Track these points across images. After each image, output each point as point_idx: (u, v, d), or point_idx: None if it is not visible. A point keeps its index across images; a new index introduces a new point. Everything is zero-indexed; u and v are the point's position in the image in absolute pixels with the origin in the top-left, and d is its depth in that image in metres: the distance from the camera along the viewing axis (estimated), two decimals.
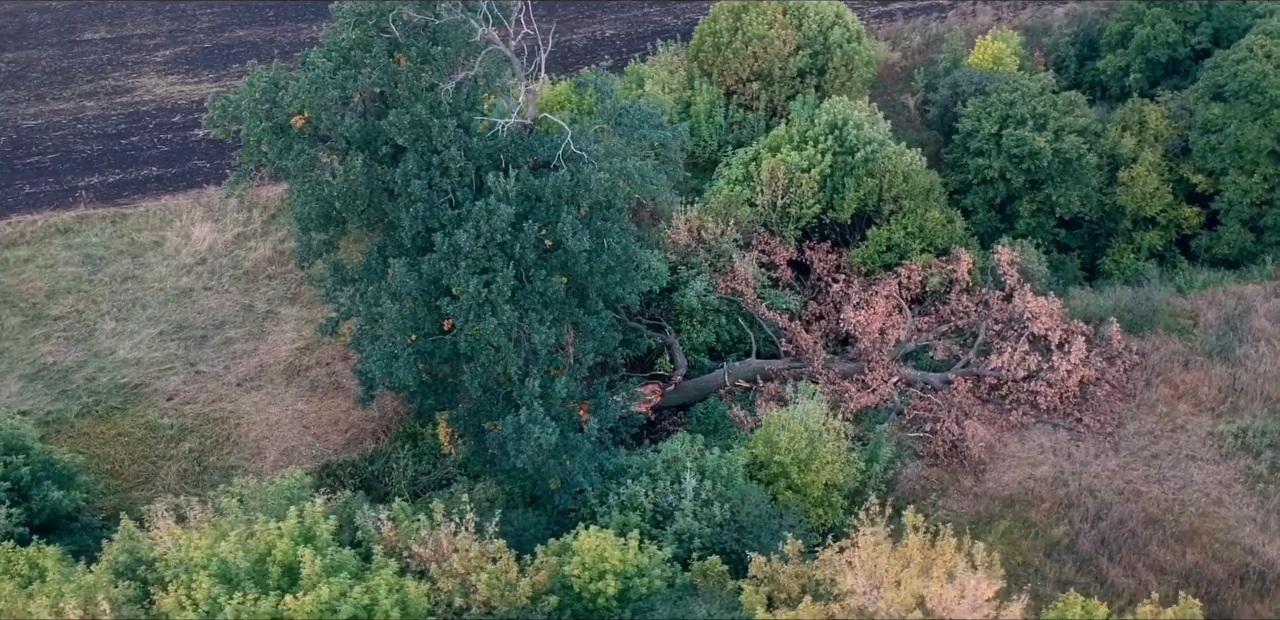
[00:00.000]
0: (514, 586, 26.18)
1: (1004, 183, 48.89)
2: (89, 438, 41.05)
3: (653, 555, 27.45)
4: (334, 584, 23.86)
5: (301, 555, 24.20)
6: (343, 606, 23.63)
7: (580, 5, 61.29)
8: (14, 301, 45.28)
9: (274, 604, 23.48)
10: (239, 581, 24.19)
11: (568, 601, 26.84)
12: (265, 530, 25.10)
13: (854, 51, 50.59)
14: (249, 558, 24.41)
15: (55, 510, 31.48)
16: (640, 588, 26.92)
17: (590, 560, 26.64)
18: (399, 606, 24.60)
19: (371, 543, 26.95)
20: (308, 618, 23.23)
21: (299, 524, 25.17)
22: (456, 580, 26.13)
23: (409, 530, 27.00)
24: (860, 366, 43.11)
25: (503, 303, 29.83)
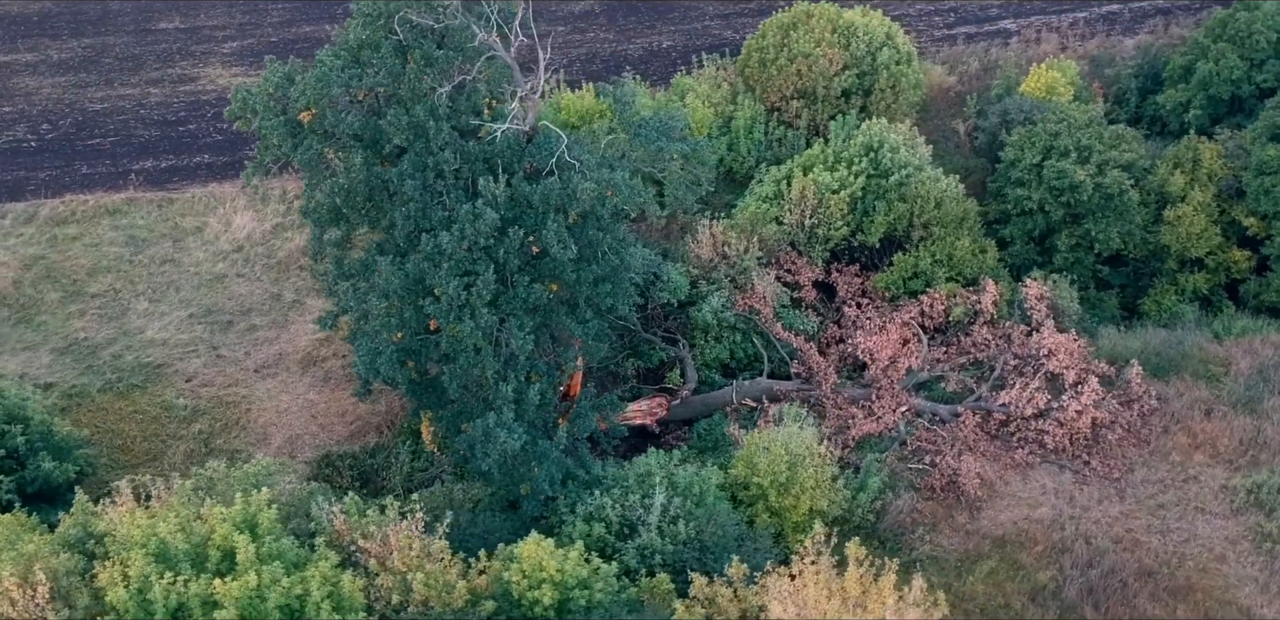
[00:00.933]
0: (451, 588, 26.38)
1: (1043, 215, 47.76)
2: (107, 413, 42.45)
3: (597, 568, 27.40)
4: (265, 572, 24.34)
5: (236, 541, 24.75)
6: (271, 594, 24.08)
7: (641, 16, 61.57)
8: (56, 277, 47.05)
9: (203, 587, 24.05)
10: (176, 562, 24.84)
11: (506, 607, 26.95)
12: (211, 514, 25.72)
13: (901, 73, 49.97)
14: (189, 540, 25.04)
15: (47, 481, 32.61)
16: (580, 600, 26.90)
17: (529, 568, 26.72)
18: (331, 599, 24.96)
19: (322, 534, 27.37)
20: (235, 603, 23.72)
21: (243, 510, 25.73)
22: (397, 577, 26.44)
23: (358, 525, 27.40)
24: (870, 393, 42.48)
25: (481, 306, 30.13)
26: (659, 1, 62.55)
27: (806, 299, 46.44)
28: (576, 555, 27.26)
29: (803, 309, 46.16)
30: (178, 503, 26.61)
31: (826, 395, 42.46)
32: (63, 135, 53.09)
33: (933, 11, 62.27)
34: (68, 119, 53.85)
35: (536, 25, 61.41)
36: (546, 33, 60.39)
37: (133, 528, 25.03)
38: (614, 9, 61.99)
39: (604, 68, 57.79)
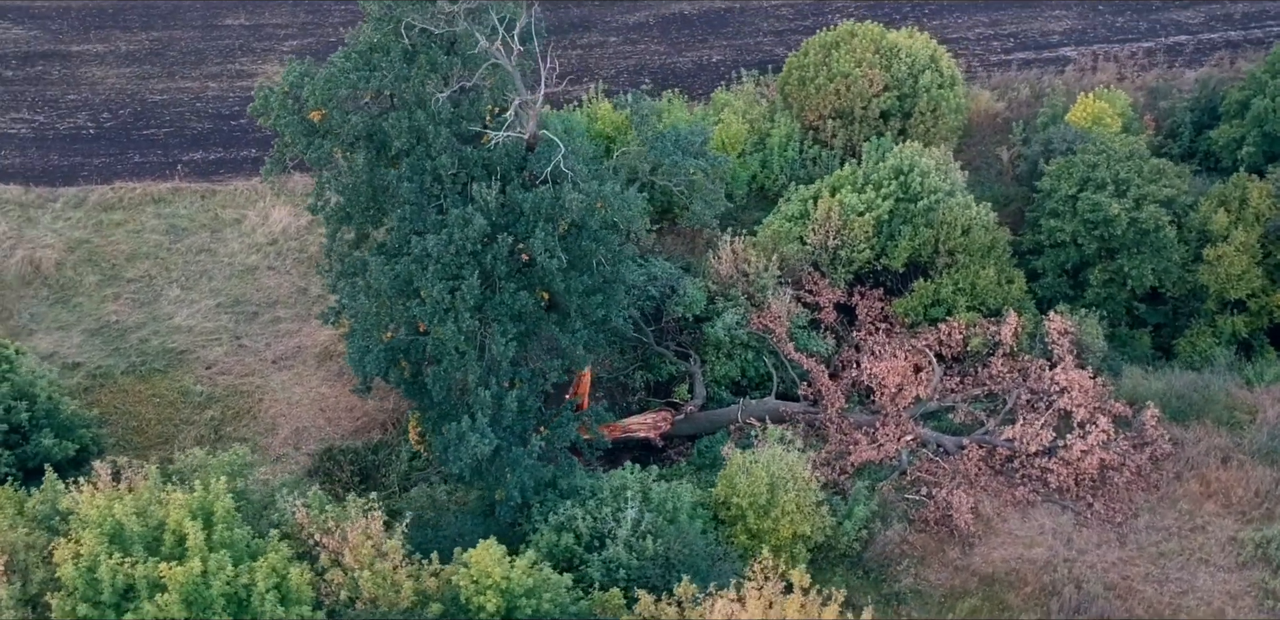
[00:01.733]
0: (398, 588, 26.67)
1: (1076, 248, 46.65)
2: (127, 395, 43.74)
3: (547, 578, 27.45)
4: (212, 559, 24.88)
5: (185, 527, 25.35)
6: (215, 581, 24.61)
7: (695, 29, 61.68)
8: (97, 261, 48.64)
9: (150, 570, 24.66)
10: (130, 544, 25.52)
11: (453, 611, 27.14)
12: (170, 499, 26.37)
13: (942, 97, 49.30)
14: (146, 523, 25.71)
15: (47, 457, 33.68)
16: (526, 608, 26.98)
17: (477, 574, 26.87)
18: (278, 591, 25.41)
19: (278, 527, 27.89)
20: (180, 588, 24.29)
21: (200, 497, 26.33)
22: (348, 574, 26.81)
23: (318, 519, 27.84)
24: (876, 419, 41.92)
25: (464, 310, 30.45)
26: (714, 16, 62.58)
27: (826, 321, 45.98)
28: (525, 564, 27.35)
29: (821, 331, 45.73)
30: (146, 486, 27.32)
31: (831, 419, 41.99)
32: (120, 124, 54.89)
33: (991, 36, 61.32)
34: (127, 109, 55.66)
35: (591, 35, 62.38)
36: (599, 43, 61.18)
37: (90, 507, 25.80)
38: (668, 22, 62.19)
39: (651, 79, 58.02)
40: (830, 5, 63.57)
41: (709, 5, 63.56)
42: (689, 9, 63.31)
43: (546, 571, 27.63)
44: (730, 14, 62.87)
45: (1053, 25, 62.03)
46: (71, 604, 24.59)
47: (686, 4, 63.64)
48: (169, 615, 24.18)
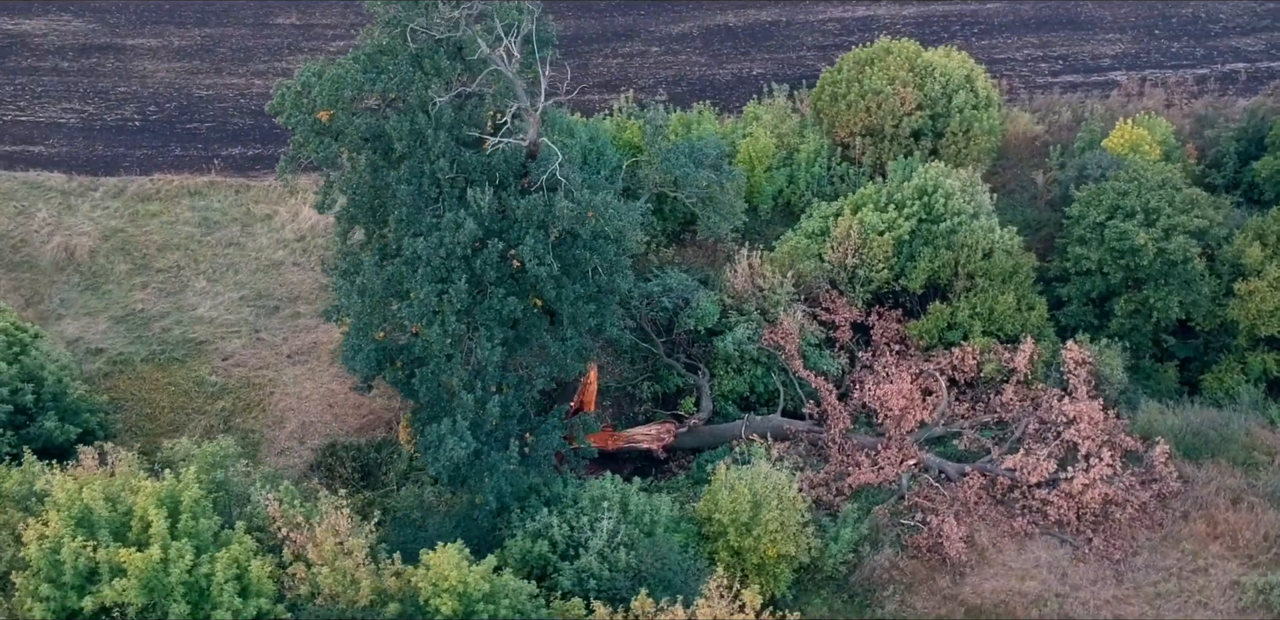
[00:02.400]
0: (357, 586, 26.89)
1: (1102, 277, 45.64)
2: (144, 382, 44.71)
3: (506, 584, 27.48)
4: (173, 547, 25.30)
5: (150, 515, 25.81)
6: (174, 569, 25.03)
7: (738, 42, 61.51)
8: (130, 250, 49.82)
9: (112, 554, 25.15)
10: (97, 528, 26.07)
11: (411, 612, 27.30)
12: (141, 487, 26.89)
13: (975, 118, 48.59)
14: (115, 509, 26.24)
15: (50, 439, 34.54)
16: (484, 613, 27.04)
17: (434, 576, 26.99)
18: (238, 583, 25.78)
19: (244, 519, 28.27)
20: (139, 573, 24.75)
21: (169, 486, 26.81)
22: (311, 569, 27.10)
23: (288, 514, 28.19)
24: (878, 442, 41.40)
25: (451, 314, 30.65)
26: (758, 29, 62.38)
27: (841, 340, 45.54)
28: (482, 569, 27.41)
29: (835, 350, 45.29)
30: (123, 472, 27.89)
31: (833, 439, 41.54)
32: (165, 117, 56.18)
33: (1040, 57, 60.32)
34: (173, 103, 56.96)
35: (633, 44, 62.47)
36: (640, 52, 61.26)
37: (60, 490, 26.40)
38: (711, 33, 62.09)
39: (688, 91, 57.96)
40: (877, 22, 63.03)
41: (754, 18, 63.39)
42: (734, 21, 63.19)
43: (506, 577, 27.69)
44: (775, 27, 62.62)
45: (1105, 49, 60.84)
46: (35, 584, 25.19)
47: (732, 16, 63.53)
48: (126, 600, 24.63)
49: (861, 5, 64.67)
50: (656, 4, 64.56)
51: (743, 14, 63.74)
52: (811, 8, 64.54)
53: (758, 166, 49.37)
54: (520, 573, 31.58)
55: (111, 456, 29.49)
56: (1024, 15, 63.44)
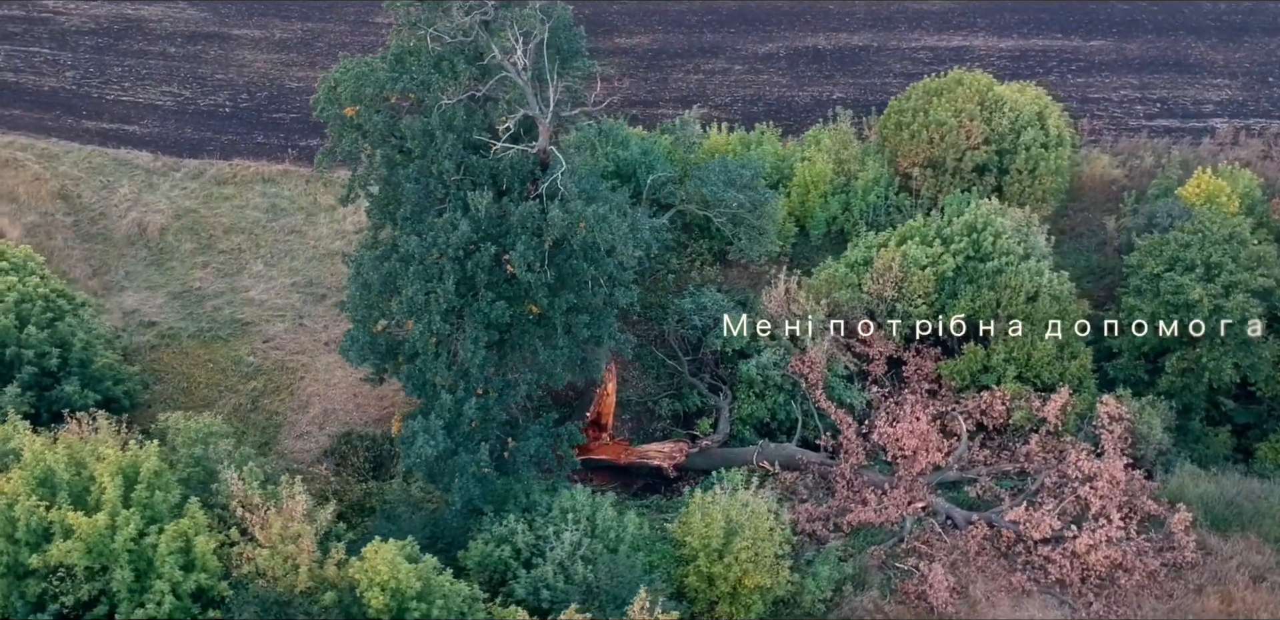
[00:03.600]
0: (294, 571, 27.36)
1: (1154, 331, 43.54)
2: (186, 357, 46.44)
3: (441, 585, 27.59)
4: (122, 515, 26.19)
5: (104, 482, 26.78)
6: (119, 536, 25.92)
7: (824, 65, 60.79)
8: (198, 230, 51.85)
9: (61, 516, 26.17)
10: (57, 490, 27.16)
11: (348, 603, 27.65)
12: (107, 455, 27.91)
13: (1040, 157, 46.95)
14: (79, 473, 27.31)
15: (69, 403, 36.15)
16: (415, 611, 27.21)
17: (369, 570, 27.29)
18: (181, 555, 26.54)
19: (222, 497, 29.08)
20: (85, 536, 25.72)
21: (131, 456, 27.75)
22: (257, 551, 27.72)
23: (248, 495, 28.88)
24: (889, 481, 40.29)
25: (436, 313, 31.01)
26: (847, 53, 61.55)
27: (874, 373, 44.49)
28: (412, 567, 27.53)
29: (867, 383, 44.26)
30: (98, 439, 29.02)
31: (843, 474, 40.59)
32: (254, 106, 58.34)
33: (1137, 99, 58.01)
34: (265, 92, 59.10)
35: (716, 61, 62.30)
36: (722, 69, 61.09)
37: (28, 451, 27.60)
38: (798, 55, 61.51)
39: (764, 110, 57.52)
40: (972, 52, 61.56)
41: (845, 41, 62.57)
42: (824, 43, 62.49)
43: (443, 579, 27.80)
44: (864, 52, 61.70)
45: (1209, 94, 58.16)
46: None
47: (822, 38, 62.85)
48: (71, 561, 25.61)
49: (958, 35, 63.25)
50: (748, 23, 64.29)
51: (834, 37, 62.98)
52: (906, 34, 63.38)
53: (813, 191, 48.69)
54: (480, 576, 31.73)
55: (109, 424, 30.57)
56: (1129, 55, 61.13)
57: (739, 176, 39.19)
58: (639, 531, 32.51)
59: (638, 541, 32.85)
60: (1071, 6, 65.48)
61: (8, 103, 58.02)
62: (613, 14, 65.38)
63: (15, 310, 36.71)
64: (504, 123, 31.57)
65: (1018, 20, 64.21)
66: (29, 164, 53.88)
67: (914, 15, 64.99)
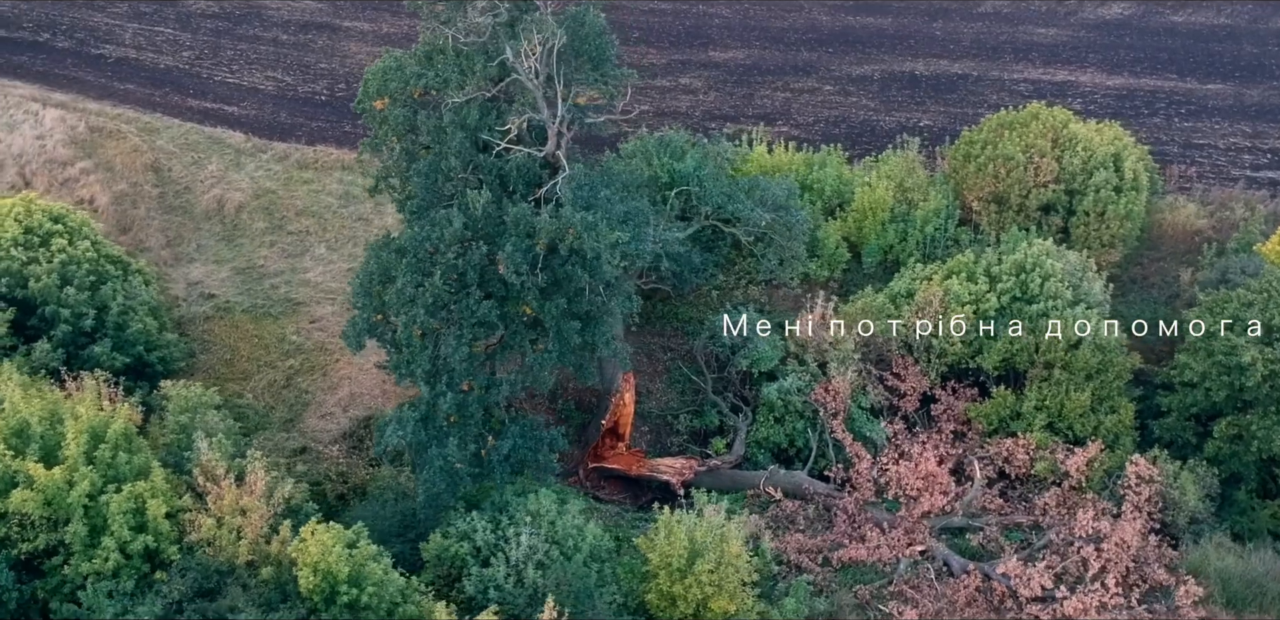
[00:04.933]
0: (235, 543, 28.08)
1: (1205, 392, 41.09)
2: (236, 330, 48.17)
3: (372, 573, 27.87)
4: (80, 471, 27.36)
5: (67, 439, 28.02)
6: (75, 490, 27.10)
7: (917, 90, 59.48)
8: (272, 211, 53.80)
9: (21, 467, 27.47)
10: (30, 442, 28.54)
11: (285, 580, 28.21)
12: (81, 413, 29.17)
13: (1108, 200, 44.84)
14: (53, 428, 28.62)
15: (97, 363, 37.93)
16: (345, 596, 27.60)
17: (302, 550, 27.80)
18: (134, 517, 27.58)
19: (192, 465, 30.10)
20: (43, 488, 26.97)
21: (103, 418, 28.94)
22: (208, 520, 28.57)
23: (212, 465, 29.78)
24: (892, 520, 39.05)
25: (421, 306, 31.44)
26: (944, 80, 60.09)
27: (904, 409, 43.20)
28: (353, 552, 27.88)
29: (895, 418, 43.00)
30: (88, 398, 30.36)
31: (846, 507, 39.51)
32: (349, 95, 59.93)
33: (1246, 148, 55.01)
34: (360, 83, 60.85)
35: (807, 80, 61.57)
36: (811, 89, 60.37)
37: (8, 402, 29.08)
38: (892, 79, 60.32)
39: (845, 132, 56.60)
40: (1076, 88, 59.41)
41: (944, 69, 61.10)
42: (922, 69, 61.13)
43: (377, 567, 28.09)
44: (963, 81, 60.13)
45: None
46: None
47: (921, 64, 61.50)
48: (26, 510, 26.90)
49: (1065, 69, 61.10)
50: (848, 44, 63.40)
51: (933, 63, 61.57)
52: (1010, 65, 61.56)
53: (870, 217, 47.64)
54: (438, 569, 32.00)
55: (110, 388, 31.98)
56: (1246, 101, 58.07)
57: (770, 196, 38.54)
58: (598, 542, 32.22)
59: (601, 553, 32.59)
60: (1195, 47, 62.60)
61: (125, 77, 61.30)
62: (712, 28, 65.32)
63: (60, 271, 38.67)
64: (510, 124, 31.82)
65: (1132, 58, 61.67)
66: (130, 136, 56.81)
67: (1023, 46, 63.08)
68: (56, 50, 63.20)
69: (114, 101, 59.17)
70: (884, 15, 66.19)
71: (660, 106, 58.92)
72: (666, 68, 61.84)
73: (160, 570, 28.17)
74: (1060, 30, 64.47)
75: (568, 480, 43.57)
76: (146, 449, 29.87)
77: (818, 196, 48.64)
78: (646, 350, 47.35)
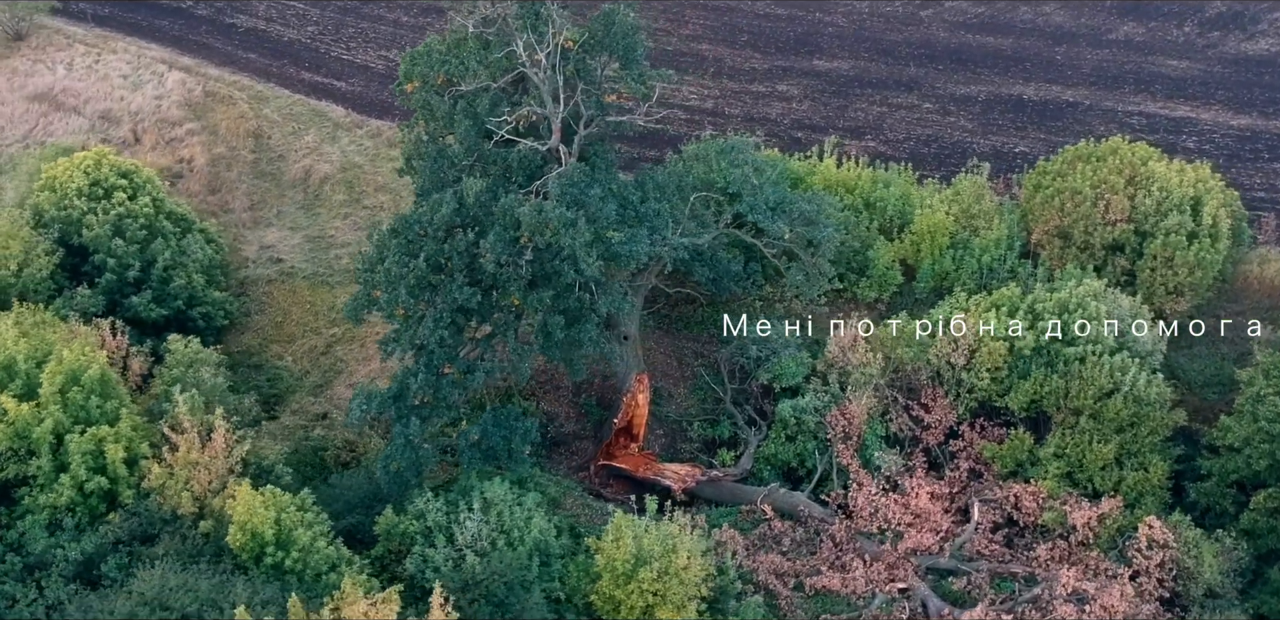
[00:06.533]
0: (179, 494, 29.26)
1: (1245, 458, 38.25)
2: (293, 295, 50.07)
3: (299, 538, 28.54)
4: (50, 409, 29.04)
5: (44, 377, 29.74)
6: (43, 423, 28.83)
7: (1021, 114, 57.17)
8: (354, 184, 55.64)
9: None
10: (13, 377, 30.40)
11: (220, 536, 29.24)
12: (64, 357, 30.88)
13: (1176, 245, 42.12)
14: (34, 364, 30.43)
15: (135, 313, 40.14)
16: (269, 558, 28.43)
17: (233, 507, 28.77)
18: (91, 457, 29.12)
19: (169, 418, 31.54)
20: (12, 421, 28.77)
21: (80, 364, 30.57)
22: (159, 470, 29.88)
23: (178, 418, 31.09)
24: (881, 553, 37.78)
25: (403, 287, 32.03)
26: (1053, 106, 57.55)
27: (926, 441, 41.68)
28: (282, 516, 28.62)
29: (915, 450, 41.57)
30: (77, 343, 32.14)
31: (835, 534, 38.43)
32: None
33: None
34: None
35: (908, 96, 60.04)
36: (910, 105, 58.77)
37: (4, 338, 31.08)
38: (997, 102, 58.09)
39: (935, 152, 54.91)
40: (1194, 126, 56.10)
41: (1055, 95, 58.47)
42: (1031, 94, 58.67)
43: (303, 533, 28.75)
44: (1072, 109, 57.42)
45: None
46: None
47: (1031, 89, 59.02)
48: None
49: (1187, 104, 57.67)
50: (959, 63, 61.33)
51: (1045, 89, 59.01)
52: (1127, 96, 58.48)
53: (929, 241, 46.11)
54: (387, 545, 32.62)
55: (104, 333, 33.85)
56: None
57: (798, 209, 37.70)
58: (544, 536, 32.21)
59: (550, 547, 32.63)
60: None
61: (250, 46, 64.37)
62: (823, 36, 64.21)
63: (115, 223, 40.99)
64: (510, 115, 32.08)
65: (1265, 98, 57.77)
66: (240, 103, 59.66)
67: (1147, 77, 59.84)
68: (195, 17, 66.82)
69: (234, 69, 62.21)
70: (1006, 35, 63.76)
71: (750, 111, 58.31)
72: (767, 73, 61.11)
73: (115, 511, 29.63)
74: (1193, 63, 60.82)
75: (578, 474, 43.80)
76: (124, 396, 31.44)
77: (879, 215, 47.37)
78: (678, 355, 47.04)
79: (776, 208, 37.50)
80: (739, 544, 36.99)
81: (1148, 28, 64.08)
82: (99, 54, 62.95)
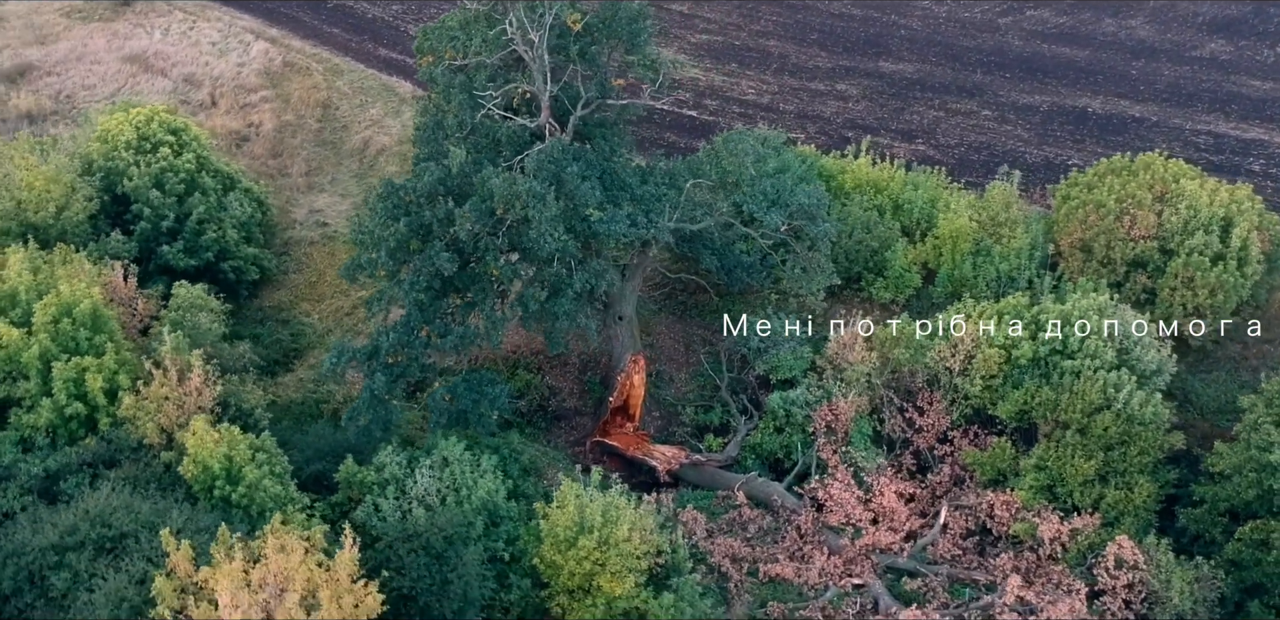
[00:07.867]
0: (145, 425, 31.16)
1: (1233, 486, 37.03)
2: (331, 257, 51.82)
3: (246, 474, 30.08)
4: (38, 337, 31.26)
5: (38, 307, 31.99)
6: (32, 347, 31.08)
7: (1081, 127, 55.80)
8: (407, 156, 57.01)
9: None
10: (16, 305, 32.75)
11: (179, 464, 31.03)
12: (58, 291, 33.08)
13: (1198, 266, 40.87)
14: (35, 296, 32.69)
15: (166, 262, 42.59)
16: (219, 491, 30.09)
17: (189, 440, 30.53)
18: (73, 384, 31.26)
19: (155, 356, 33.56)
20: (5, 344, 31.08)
21: (74, 298, 32.73)
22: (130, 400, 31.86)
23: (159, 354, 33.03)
24: (841, 549, 37.78)
25: (384, 248, 33.39)
26: (1116, 120, 56.11)
27: (918, 445, 41.45)
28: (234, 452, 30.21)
29: (905, 453, 41.38)
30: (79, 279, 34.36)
31: (800, 525, 38.56)
32: None
33: None
34: None
35: (968, 102, 59.59)
36: (968, 111, 58.17)
37: (7, 270, 33.44)
38: (1058, 113, 56.88)
39: (984, 160, 54.07)
40: (1265, 148, 53.99)
41: (1123, 109, 56.95)
42: (1097, 107, 57.27)
43: (253, 471, 30.27)
44: (1136, 125, 55.89)
45: None
46: None
47: (1099, 102, 57.60)
48: None
49: (1261, 127, 55.56)
50: (1028, 72, 60.20)
51: (1112, 103, 57.54)
52: (1198, 115, 56.61)
53: (950, 246, 45.65)
54: (347, 493, 34.08)
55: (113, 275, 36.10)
56: None
57: (798, 203, 37.84)
58: (492, 496, 33.18)
59: (502, 509, 33.60)
60: None
61: (335, 21, 67.00)
62: (894, 38, 63.71)
63: (156, 176, 43.50)
64: (495, 90, 33.09)
65: None
66: (315, 74, 62.21)
67: (1224, 96, 57.81)
68: None
69: (316, 42, 64.85)
70: (1083, 47, 62.28)
71: (805, 109, 58.26)
72: (829, 72, 60.97)
73: (91, 436, 31.74)
74: (1278, 85, 58.50)
75: (574, 449, 44.80)
76: (116, 331, 33.52)
77: (906, 216, 47.10)
78: (686, 340, 47.55)
79: (776, 200, 37.67)
80: (699, 525, 37.38)
81: (1237, 46, 61.80)
82: (195, 21, 66.35)
